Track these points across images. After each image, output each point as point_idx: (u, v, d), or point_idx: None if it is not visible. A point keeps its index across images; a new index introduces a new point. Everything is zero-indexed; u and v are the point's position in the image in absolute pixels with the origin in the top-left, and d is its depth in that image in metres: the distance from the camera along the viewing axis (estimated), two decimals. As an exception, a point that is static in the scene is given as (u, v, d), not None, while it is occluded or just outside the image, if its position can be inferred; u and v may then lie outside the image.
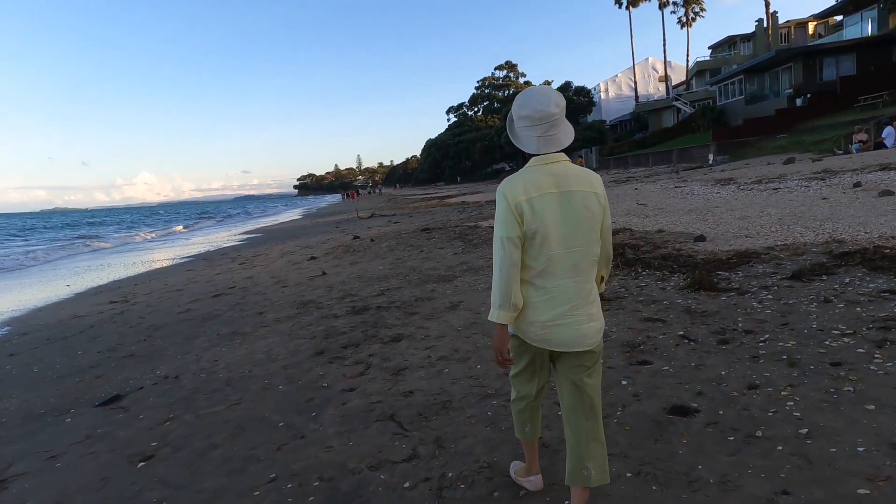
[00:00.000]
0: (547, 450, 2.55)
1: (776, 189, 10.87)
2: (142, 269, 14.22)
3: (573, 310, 1.80)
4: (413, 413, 3.17)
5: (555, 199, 1.76)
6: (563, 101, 1.85)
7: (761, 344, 3.41)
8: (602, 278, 2.03)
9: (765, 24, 43.48)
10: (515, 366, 2.03)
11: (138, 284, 10.79)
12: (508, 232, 1.77)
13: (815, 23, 43.94)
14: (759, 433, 2.41)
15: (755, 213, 8.45)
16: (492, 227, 2.10)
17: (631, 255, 6.37)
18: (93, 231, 41.95)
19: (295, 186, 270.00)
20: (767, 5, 42.11)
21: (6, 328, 7.37)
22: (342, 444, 2.90)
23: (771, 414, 2.55)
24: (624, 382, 3.18)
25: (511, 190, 1.79)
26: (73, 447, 3.29)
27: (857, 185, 9.25)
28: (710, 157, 26.75)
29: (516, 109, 1.86)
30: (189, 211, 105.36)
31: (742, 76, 34.53)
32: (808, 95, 28.66)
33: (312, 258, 10.80)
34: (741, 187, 12.27)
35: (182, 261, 15.37)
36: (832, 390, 2.68)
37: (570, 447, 1.93)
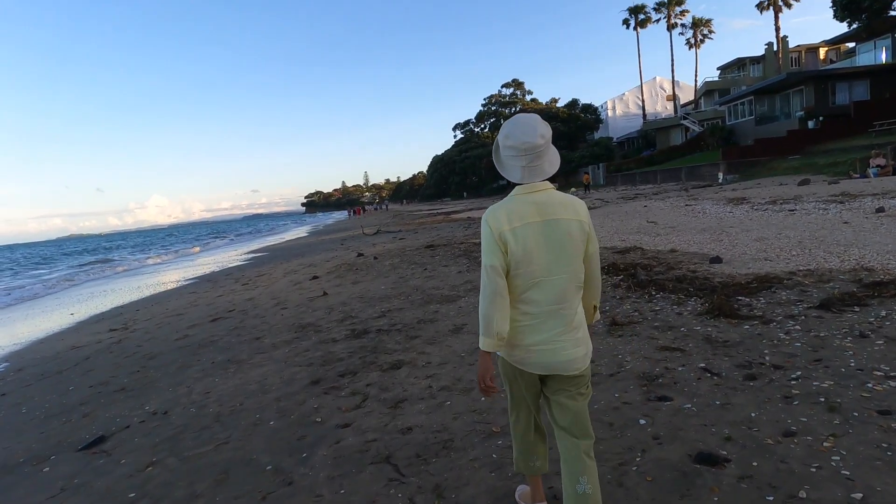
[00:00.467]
0: (557, 502, 2.27)
1: (792, 210, 10.57)
2: (147, 292, 14.09)
3: (559, 335, 1.82)
4: (411, 454, 2.90)
5: (538, 228, 1.78)
6: (548, 132, 1.85)
7: (793, 382, 3.10)
8: (595, 308, 2.01)
9: (775, 48, 43.47)
10: (509, 391, 2.04)
11: (140, 310, 10.65)
12: (492, 261, 1.80)
13: (826, 48, 43.88)
14: (802, 493, 2.09)
15: (772, 235, 8.14)
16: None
17: (644, 277, 6.08)
18: (111, 255, 42.67)
19: (303, 204, 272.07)
20: (778, 29, 42.13)
21: (4, 364, 7.17)
22: (332, 492, 2.63)
23: (814, 470, 2.24)
24: (642, 422, 2.88)
25: (495, 220, 1.81)
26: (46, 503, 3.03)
27: (881, 210, 8.92)
28: (720, 175, 26.52)
29: (502, 139, 1.87)
30: (201, 231, 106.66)
31: (752, 97, 34.40)
32: (821, 118, 28.44)
33: (314, 277, 10.59)
34: (755, 207, 11.97)
35: (187, 283, 15.25)
36: (884, 445, 2.35)
37: (564, 464, 1.92)
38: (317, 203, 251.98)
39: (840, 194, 11.82)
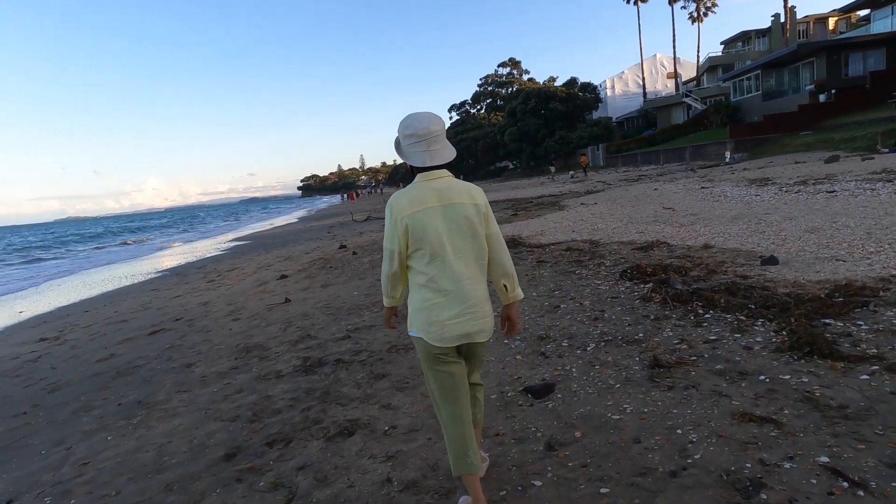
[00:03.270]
0: None
1: (832, 192, 9.17)
2: (110, 286, 12.93)
3: (469, 308, 1.97)
4: None
5: (438, 212, 1.94)
6: (442, 123, 2.04)
7: None
8: (505, 287, 2.10)
9: (782, 19, 41.56)
10: (434, 382, 2.07)
11: (89, 311, 9.45)
12: (391, 244, 2.00)
13: (836, 18, 41.92)
14: None
15: (825, 224, 6.74)
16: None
17: (681, 287, 4.69)
18: (134, 236, 43.50)
19: (299, 188, 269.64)
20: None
21: None
22: None
23: None
24: None
25: (398, 205, 1.96)
26: None
27: (946, 187, 7.55)
28: (728, 154, 25.05)
29: (402, 130, 2.03)
30: (207, 214, 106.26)
31: (759, 71, 32.68)
32: (833, 91, 26.88)
33: (283, 276, 9.20)
34: (783, 189, 10.57)
35: (156, 275, 14.01)
36: None
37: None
38: (313, 187, 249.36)
39: (882, 171, 10.42)
